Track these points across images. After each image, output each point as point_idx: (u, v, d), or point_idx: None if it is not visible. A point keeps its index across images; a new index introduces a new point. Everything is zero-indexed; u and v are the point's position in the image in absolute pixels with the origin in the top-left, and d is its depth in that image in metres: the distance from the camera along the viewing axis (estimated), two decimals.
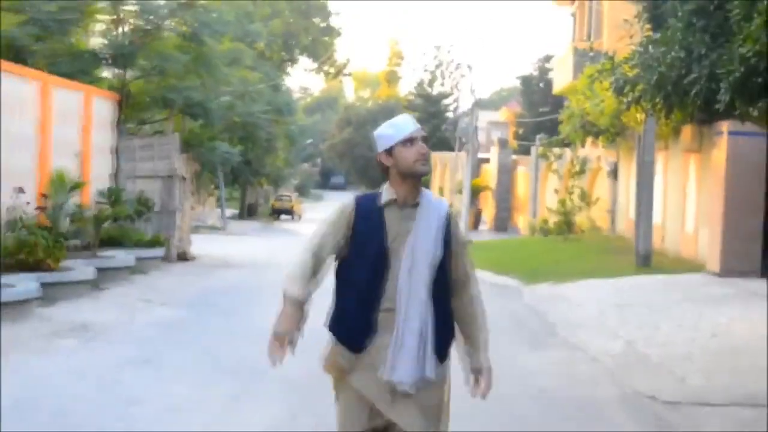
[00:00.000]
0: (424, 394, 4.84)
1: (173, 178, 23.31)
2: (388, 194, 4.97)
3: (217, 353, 11.76)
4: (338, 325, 4.95)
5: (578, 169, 34.27)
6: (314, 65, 66.49)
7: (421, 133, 4.97)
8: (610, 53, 17.85)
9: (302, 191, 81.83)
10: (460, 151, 45.55)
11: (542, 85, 52.01)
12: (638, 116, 21.31)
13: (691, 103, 10.28)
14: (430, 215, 4.95)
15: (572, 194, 33.78)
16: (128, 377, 10.26)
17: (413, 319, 4.82)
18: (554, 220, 33.68)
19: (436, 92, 76.56)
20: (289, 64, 60.76)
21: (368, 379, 4.85)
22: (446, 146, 62.05)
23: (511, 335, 13.25)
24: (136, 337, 13.03)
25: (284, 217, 59.65)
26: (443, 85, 77.68)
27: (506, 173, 46.80)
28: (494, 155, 48.29)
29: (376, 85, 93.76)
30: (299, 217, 60.13)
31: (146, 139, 24.05)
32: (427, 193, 5.05)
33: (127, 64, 23.43)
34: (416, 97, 76.86)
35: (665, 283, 19.21)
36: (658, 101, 10.72)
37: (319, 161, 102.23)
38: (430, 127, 69.54)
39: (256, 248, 29.81)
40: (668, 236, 24.61)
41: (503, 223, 45.81)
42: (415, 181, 4.95)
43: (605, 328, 14.33)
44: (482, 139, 57.73)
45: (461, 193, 44.86)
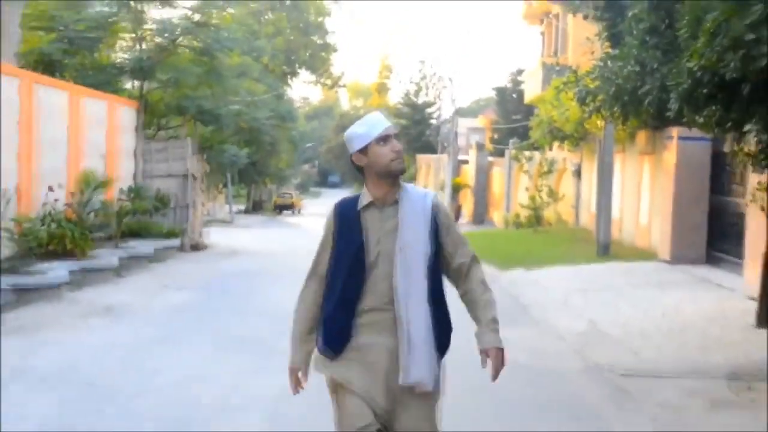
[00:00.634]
0: (425, 393, 4.34)
1: (187, 177, 23.31)
2: (365, 197, 4.41)
3: (227, 330, 11.77)
4: (319, 328, 4.43)
5: (546, 169, 34.28)
6: (313, 77, 66.32)
7: (393, 130, 4.42)
8: (574, 67, 17.88)
9: (302, 189, 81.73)
10: (442, 153, 45.60)
11: (515, 95, 51.91)
12: (599, 123, 21.35)
13: (644, 111, 10.34)
14: (415, 210, 4.37)
15: (541, 191, 33.78)
16: (148, 352, 10.29)
17: (417, 318, 4.29)
18: (525, 214, 33.73)
19: (421, 102, 76.31)
20: (290, 76, 60.56)
21: (364, 381, 4.31)
22: (430, 149, 62.26)
23: None
24: (154, 317, 13.04)
25: (286, 212, 59.60)
26: (427, 95, 77.46)
27: (483, 173, 46.75)
28: (473, 157, 48.24)
29: (368, 95, 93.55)
30: (299, 211, 60.13)
31: (163, 142, 24.03)
32: (407, 187, 4.45)
33: (146, 76, 23.42)
34: (403, 106, 76.66)
35: (622, 269, 19.25)
36: (616, 110, 10.78)
37: (317, 162, 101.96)
38: (416, 132, 69.51)
39: (260, 239, 29.78)
40: (625, 228, 24.66)
41: (481, 217, 45.74)
42: (392, 179, 4.38)
43: (570, 308, 14.36)
44: (462, 143, 57.80)
45: (443, 190, 44.98)
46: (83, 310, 12.99)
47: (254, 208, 56.77)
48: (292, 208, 60.11)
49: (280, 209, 59.44)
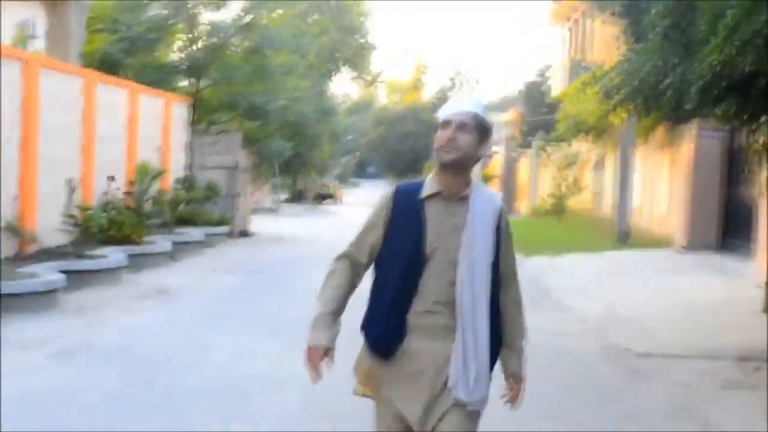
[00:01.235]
0: (473, 411, 3.70)
1: (236, 168, 23.42)
2: (430, 186, 3.71)
3: (272, 311, 11.87)
4: (368, 326, 3.78)
5: (570, 161, 34.17)
6: (354, 74, 66.21)
7: (459, 117, 3.65)
8: (598, 64, 17.78)
9: (342, 179, 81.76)
10: None
11: (542, 90, 51.70)
12: (621, 117, 21.23)
13: (665, 104, 10.25)
14: (484, 212, 3.72)
15: (565, 182, 33.70)
16: (199, 330, 10.40)
17: (482, 331, 3.66)
18: (550, 203, 33.61)
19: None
20: (333, 73, 60.51)
21: (406, 390, 3.67)
22: None
23: None
24: (205, 298, 13.17)
25: (327, 201, 59.70)
26: (460, 90, 77.25)
27: (511, 165, 46.67)
28: (501, 149, 48.14)
29: (404, 91, 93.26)
30: (340, 200, 60.21)
31: (213, 137, 24.14)
32: (477, 186, 3.78)
33: (200, 74, 23.51)
34: (438, 101, 76.54)
35: (640, 256, 19.19)
36: (637, 104, 10.72)
37: (357, 154, 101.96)
38: None
39: (303, 226, 29.91)
40: (643, 217, 24.53)
41: (508, 206, 45.62)
42: (450, 170, 3.67)
43: (591, 293, 14.33)
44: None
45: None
46: (140, 291, 13.12)
47: (298, 197, 56.80)
48: (333, 197, 60.23)
49: (321, 198, 59.54)
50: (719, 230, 19.35)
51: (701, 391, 8.25)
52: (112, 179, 16.89)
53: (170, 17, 23.12)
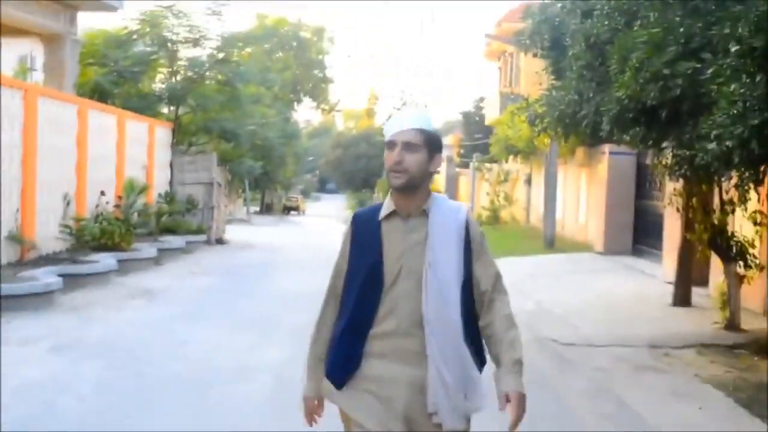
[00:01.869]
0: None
1: (212, 184, 23.22)
2: (387, 206, 3.13)
3: (243, 309, 11.74)
4: (327, 354, 3.18)
5: (503, 178, 34.36)
6: (314, 104, 66.11)
7: (403, 137, 3.04)
8: (525, 96, 17.87)
9: (305, 194, 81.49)
10: None
11: (477, 118, 51.91)
12: (545, 140, 21.39)
13: (582, 131, 10.31)
14: (446, 223, 3.10)
15: (499, 196, 33.87)
16: (180, 326, 10.26)
17: (452, 349, 3.03)
18: (486, 214, 33.78)
19: None
20: (296, 103, 60.40)
21: (379, 417, 3.02)
22: None
23: None
24: (185, 298, 13.00)
25: (292, 213, 59.45)
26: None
27: (452, 181, 46.86)
28: (443, 168, 48.34)
29: (358, 118, 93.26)
30: (303, 212, 59.98)
31: (192, 156, 23.91)
32: (438, 198, 3.17)
33: (179, 102, 23.33)
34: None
35: (564, 259, 19.31)
36: (559, 130, 10.76)
37: (317, 172, 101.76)
38: None
39: (272, 234, 29.70)
40: (567, 226, 24.72)
41: None
42: (405, 193, 3.08)
43: (522, 291, 14.37)
44: None
45: None
46: (127, 292, 12.93)
47: (267, 209, 56.53)
48: (297, 209, 60.00)
49: (287, 210, 59.28)
50: (632, 237, 19.55)
51: (618, 374, 8.28)
52: (103, 194, 16.75)
53: (153, 53, 22.98)
